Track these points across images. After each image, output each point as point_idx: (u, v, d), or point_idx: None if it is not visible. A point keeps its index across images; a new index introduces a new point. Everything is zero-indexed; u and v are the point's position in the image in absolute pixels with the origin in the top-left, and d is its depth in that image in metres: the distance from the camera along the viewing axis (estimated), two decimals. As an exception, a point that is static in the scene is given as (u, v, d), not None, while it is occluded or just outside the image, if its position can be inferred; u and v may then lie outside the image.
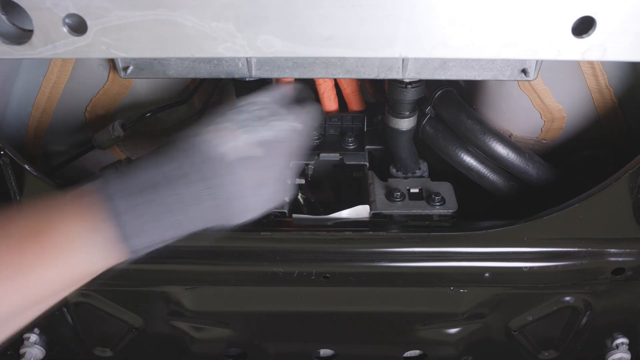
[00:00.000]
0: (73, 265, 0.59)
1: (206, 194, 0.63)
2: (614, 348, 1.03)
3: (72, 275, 0.59)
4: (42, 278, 0.58)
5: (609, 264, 0.87)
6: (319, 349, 1.11)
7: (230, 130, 0.67)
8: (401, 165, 1.07)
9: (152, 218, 0.60)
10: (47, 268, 0.57)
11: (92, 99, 1.00)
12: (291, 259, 0.88)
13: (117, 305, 1.01)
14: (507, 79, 0.84)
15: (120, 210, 0.59)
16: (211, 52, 0.70)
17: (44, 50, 0.69)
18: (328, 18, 0.67)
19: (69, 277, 0.59)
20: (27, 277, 0.57)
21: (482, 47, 0.69)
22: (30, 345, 1.05)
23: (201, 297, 1.00)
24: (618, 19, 0.65)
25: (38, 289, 0.58)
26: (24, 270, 0.56)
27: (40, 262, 0.57)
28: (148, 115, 0.99)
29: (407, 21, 0.67)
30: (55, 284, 0.59)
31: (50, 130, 1.05)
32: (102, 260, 0.60)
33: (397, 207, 0.96)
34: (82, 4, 0.65)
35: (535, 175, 1.00)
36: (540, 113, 1.00)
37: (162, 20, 0.67)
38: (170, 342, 1.08)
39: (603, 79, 0.94)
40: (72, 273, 0.59)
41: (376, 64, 0.82)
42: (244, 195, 0.65)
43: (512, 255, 0.87)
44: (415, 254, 0.88)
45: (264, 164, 0.67)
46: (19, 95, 1.00)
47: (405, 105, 0.97)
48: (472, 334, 1.04)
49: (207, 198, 0.63)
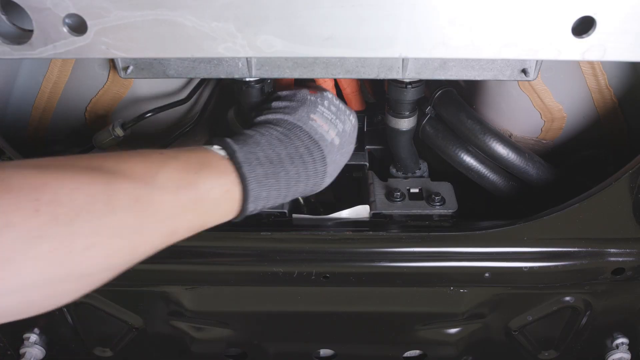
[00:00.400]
0: (210, 215, 0.66)
1: (312, 173, 0.75)
2: (614, 348, 1.03)
3: (204, 223, 0.66)
4: (190, 223, 0.63)
5: (609, 264, 0.87)
6: (319, 349, 1.11)
7: (328, 120, 0.81)
8: (401, 165, 1.07)
9: (267, 188, 0.70)
10: (198, 215, 0.64)
11: (92, 99, 1.00)
12: (291, 259, 0.88)
13: (117, 305, 1.01)
14: (507, 79, 0.84)
15: (247, 177, 0.68)
16: (211, 52, 0.70)
17: (44, 50, 0.69)
18: (328, 18, 0.67)
19: (202, 225, 0.66)
20: (177, 221, 0.61)
21: (482, 47, 0.69)
22: (30, 345, 1.05)
23: (201, 297, 1.00)
24: (618, 19, 0.65)
25: (182, 233, 0.63)
26: (179, 213, 0.61)
27: (195, 209, 0.63)
28: (148, 115, 0.99)
29: (407, 21, 0.67)
30: (196, 229, 0.65)
31: (51, 130, 1.05)
32: (226, 217, 0.68)
33: (397, 207, 0.96)
34: (82, 4, 0.65)
35: (535, 175, 1.00)
36: (540, 113, 1.00)
37: (162, 20, 0.67)
38: (170, 342, 1.08)
39: (603, 79, 0.94)
40: (205, 222, 0.66)
41: (376, 64, 0.83)
42: (335, 171, 0.81)
43: (512, 255, 0.87)
44: (415, 254, 0.88)
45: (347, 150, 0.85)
46: (19, 95, 1.00)
47: (405, 105, 0.97)
48: (472, 334, 1.04)
49: (313, 176, 0.76)
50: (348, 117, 0.86)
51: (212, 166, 0.66)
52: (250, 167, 0.69)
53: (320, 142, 0.77)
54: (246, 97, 0.93)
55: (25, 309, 0.53)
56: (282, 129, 0.77)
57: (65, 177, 0.53)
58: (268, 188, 0.70)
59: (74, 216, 0.51)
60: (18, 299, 0.51)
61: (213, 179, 0.65)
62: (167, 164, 0.62)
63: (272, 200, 0.72)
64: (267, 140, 0.74)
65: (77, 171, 0.54)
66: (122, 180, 0.56)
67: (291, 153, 0.74)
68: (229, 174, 0.67)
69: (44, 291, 0.52)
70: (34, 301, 0.53)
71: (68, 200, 0.51)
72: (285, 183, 0.72)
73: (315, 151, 0.76)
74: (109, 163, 0.58)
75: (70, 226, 0.50)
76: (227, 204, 0.67)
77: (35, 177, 0.51)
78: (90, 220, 0.52)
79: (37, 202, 0.49)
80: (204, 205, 0.64)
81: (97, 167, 0.56)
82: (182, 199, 0.61)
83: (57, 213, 0.49)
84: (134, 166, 0.59)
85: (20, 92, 1.00)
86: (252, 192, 0.68)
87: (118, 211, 0.55)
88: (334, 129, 0.81)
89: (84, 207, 0.52)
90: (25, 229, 0.48)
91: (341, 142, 0.81)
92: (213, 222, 0.67)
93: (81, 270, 0.53)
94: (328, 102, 0.85)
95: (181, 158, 0.64)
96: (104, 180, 0.55)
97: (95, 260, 0.54)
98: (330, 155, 0.78)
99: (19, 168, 0.52)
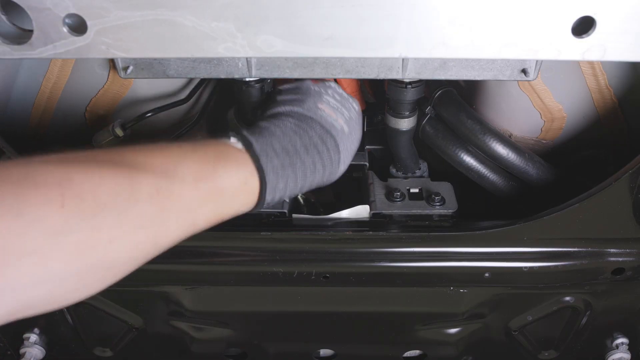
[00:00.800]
0: (232, 208, 0.67)
1: (328, 162, 0.76)
2: (614, 348, 1.03)
3: (223, 214, 0.67)
4: (209, 214, 0.64)
5: (609, 264, 0.87)
6: (319, 349, 1.11)
7: (335, 109, 0.82)
8: (401, 165, 1.07)
9: (285, 179, 0.71)
10: (217, 206, 0.65)
11: (92, 99, 1.00)
12: (291, 259, 0.88)
13: (117, 305, 1.01)
14: (507, 79, 0.84)
15: (265, 168, 0.69)
16: (211, 52, 0.70)
17: (44, 50, 0.69)
18: (328, 18, 0.67)
19: (221, 216, 0.67)
20: (197, 212, 0.63)
21: (482, 47, 0.69)
22: (30, 345, 1.05)
23: (201, 297, 1.00)
24: (618, 19, 0.65)
25: (201, 223, 0.64)
26: (200, 203, 0.62)
27: (214, 200, 0.64)
28: (148, 116, 0.99)
29: (407, 21, 0.67)
30: (214, 220, 0.66)
31: (51, 130, 1.05)
32: (244, 207, 0.69)
33: (397, 207, 0.96)
34: (82, 4, 0.65)
35: (535, 175, 1.00)
36: (540, 113, 1.00)
37: (162, 20, 0.67)
38: (170, 342, 1.08)
39: (603, 79, 0.94)
40: (224, 212, 0.67)
41: (376, 64, 0.83)
42: (347, 158, 0.81)
43: (512, 255, 0.87)
44: (415, 254, 0.88)
45: (356, 136, 0.85)
46: (19, 95, 1.00)
47: (405, 105, 0.97)
48: (472, 334, 1.04)
49: (329, 165, 0.76)
50: (352, 105, 0.87)
51: (230, 158, 0.67)
52: (267, 158, 0.70)
53: (331, 131, 0.78)
54: (246, 97, 0.93)
55: (54, 300, 0.55)
56: (294, 120, 0.77)
57: (88, 171, 0.54)
58: (285, 178, 0.71)
59: (97, 210, 0.52)
60: (46, 290, 0.52)
61: (231, 171, 0.66)
62: (186, 156, 0.63)
63: (289, 190, 0.73)
64: (282, 132, 0.74)
65: (99, 165, 0.56)
66: (143, 173, 0.58)
67: (306, 143, 0.74)
68: (247, 166, 0.68)
69: (71, 283, 0.54)
70: (62, 292, 0.54)
71: (92, 194, 0.52)
72: (302, 173, 0.73)
73: (329, 140, 0.77)
74: (130, 157, 0.59)
75: (94, 220, 0.52)
76: (245, 195, 0.68)
77: (60, 172, 0.52)
78: (113, 214, 0.54)
79: (62, 197, 0.50)
80: (222, 196, 0.65)
81: (119, 162, 0.58)
82: (202, 191, 0.62)
83: (81, 207, 0.51)
84: (154, 160, 0.60)
85: (20, 92, 1.00)
86: (270, 182, 0.69)
87: (140, 204, 0.56)
88: (342, 117, 0.82)
89: (107, 201, 0.53)
90: (51, 223, 0.49)
91: (350, 129, 0.82)
92: (232, 213, 0.68)
93: (106, 262, 0.55)
94: (332, 90, 0.86)
95: (199, 151, 0.65)
96: (126, 174, 0.56)
97: (119, 252, 0.55)
98: (343, 143, 0.79)
99: (44, 164, 0.53)
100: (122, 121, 0.98)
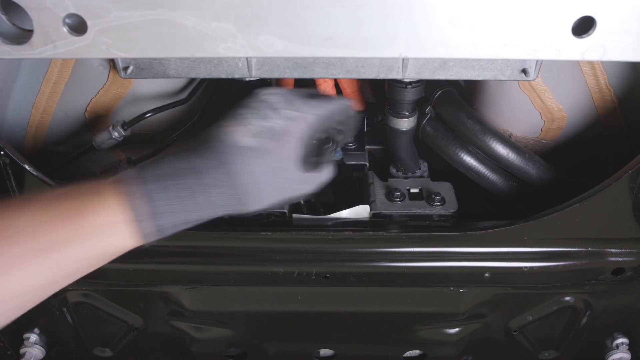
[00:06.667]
0: (107, 243, 0.64)
1: (225, 180, 0.67)
2: (614, 348, 1.03)
3: (104, 253, 0.64)
4: (78, 254, 0.63)
5: (609, 264, 0.87)
6: (319, 349, 1.11)
7: (245, 120, 0.70)
8: (401, 165, 1.07)
9: (178, 200, 0.65)
10: (84, 245, 0.63)
11: (92, 99, 1.00)
12: (291, 259, 0.88)
13: (117, 305, 1.01)
14: (507, 79, 0.84)
15: (152, 190, 0.64)
16: (211, 52, 0.70)
17: (44, 50, 0.69)
18: (328, 18, 0.67)
19: (102, 255, 0.64)
20: (64, 252, 0.62)
21: (482, 47, 0.69)
22: (30, 345, 1.05)
23: (201, 297, 1.00)
24: (618, 19, 0.65)
25: (73, 264, 0.63)
26: (61, 245, 0.61)
27: (79, 239, 0.62)
28: (148, 116, 0.99)
29: (407, 21, 0.67)
30: (90, 260, 0.64)
31: (50, 130, 1.05)
32: (133, 239, 0.65)
33: (397, 207, 0.96)
34: (82, 4, 0.65)
35: (535, 175, 1.00)
36: (540, 113, 1.00)
37: (162, 20, 0.67)
38: (170, 342, 1.08)
39: (603, 79, 0.94)
40: (105, 251, 0.64)
41: (376, 64, 0.82)
42: (257, 182, 0.68)
43: (512, 255, 0.87)
44: (415, 254, 0.88)
45: (274, 154, 0.69)
46: (19, 95, 1.00)
47: (405, 105, 0.97)
48: (472, 334, 1.04)
49: (225, 184, 0.67)
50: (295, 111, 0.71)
51: (99, 193, 0.64)
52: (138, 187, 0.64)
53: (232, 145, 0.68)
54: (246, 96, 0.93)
55: None
56: (191, 142, 0.70)
57: None
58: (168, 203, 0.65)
59: None
60: None
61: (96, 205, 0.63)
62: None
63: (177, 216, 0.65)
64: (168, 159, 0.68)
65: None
66: None
67: (194, 161, 0.67)
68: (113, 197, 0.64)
69: None
70: None
71: None
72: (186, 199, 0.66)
73: (226, 156, 0.67)
74: None
75: None
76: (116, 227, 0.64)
77: None
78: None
79: None
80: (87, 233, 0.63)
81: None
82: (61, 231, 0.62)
83: None
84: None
85: (20, 92, 1.00)
86: (139, 209, 0.63)
87: None
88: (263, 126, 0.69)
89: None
90: None
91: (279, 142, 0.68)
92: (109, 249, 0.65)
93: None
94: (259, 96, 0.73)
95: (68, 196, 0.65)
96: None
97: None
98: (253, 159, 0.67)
99: None
100: (122, 121, 0.98)
